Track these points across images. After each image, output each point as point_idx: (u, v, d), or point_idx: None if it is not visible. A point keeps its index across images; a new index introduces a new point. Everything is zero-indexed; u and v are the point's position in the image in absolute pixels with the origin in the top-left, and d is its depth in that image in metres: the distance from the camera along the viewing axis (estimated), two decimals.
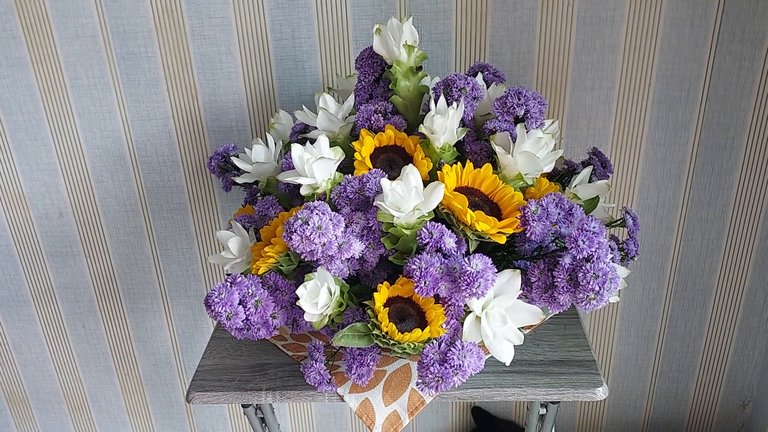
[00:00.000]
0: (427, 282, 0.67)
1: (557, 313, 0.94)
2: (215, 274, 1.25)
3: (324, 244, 0.68)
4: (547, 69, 1.04)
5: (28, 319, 1.31)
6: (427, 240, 0.69)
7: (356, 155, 0.78)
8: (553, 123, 0.85)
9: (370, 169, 0.77)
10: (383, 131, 0.80)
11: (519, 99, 0.77)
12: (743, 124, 1.06)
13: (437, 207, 0.72)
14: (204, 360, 0.91)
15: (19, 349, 1.35)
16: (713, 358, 1.28)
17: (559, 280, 0.68)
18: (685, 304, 1.22)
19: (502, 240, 0.70)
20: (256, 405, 0.95)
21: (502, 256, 0.79)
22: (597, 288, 0.65)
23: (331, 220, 0.68)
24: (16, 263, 1.25)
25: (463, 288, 0.65)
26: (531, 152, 0.74)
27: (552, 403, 0.89)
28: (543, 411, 0.92)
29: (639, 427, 1.37)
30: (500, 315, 0.69)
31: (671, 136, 1.08)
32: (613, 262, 0.78)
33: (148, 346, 1.33)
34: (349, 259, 0.73)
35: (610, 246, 0.77)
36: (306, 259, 0.71)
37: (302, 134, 0.90)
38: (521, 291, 0.71)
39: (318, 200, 0.74)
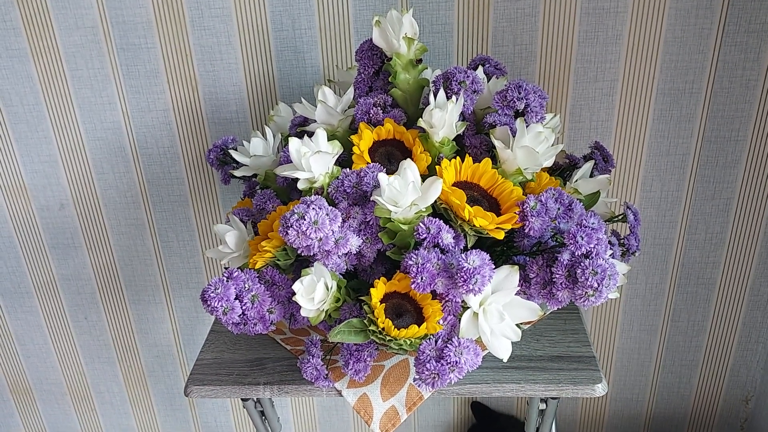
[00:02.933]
0: (424, 278, 0.66)
1: (557, 308, 0.93)
2: (216, 267, 1.25)
3: (320, 239, 0.67)
4: (549, 61, 1.03)
5: (31, 311, 1.32)
6: (424, 235, 0.69)
7: (354, 149, 0.77)
8: (554, 117, 0.84)
9: (368, 163, 0.76)
10: (382, 124, 0.79)
11: (519, 93, 0.76)
12: (748, 117, 1.05)
13: (435, 202, 0.71)
14: (202, 354, 0.91)
15: (22, 340, 1.35)
16: (716, 353, 1.27)
17: (557, 276, 0.67)
18: (688, 298, 1.21)
19: (501, 235, 0.69)
20: (256, 399, 0.95)
21: (501, 251, 0.78)
22: (595, 284, 0.65)
23: (327, 215, 0.67)
24: (18, 255, 1.25)
25: (460, 284, 0.65)
26: (530, 147, 0.73)
27: (552, 398, 0.88)
28: (543, 406, 0.91)
29: (641, 421, 1.37)
30: (498, 311, 0.68)
31: (675, 129, 1.07)
32: (613, 257, 0.77)
33: (150, 337, 1.33)
34: (346, 254, 0.72)
35: (610, 242, 0.76)
36: (303, 254, 0.70)
37: (301, 127, 0.89)
38: (520, 287, 0.71)
39: (315, 194, 0.74)
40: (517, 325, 0.70)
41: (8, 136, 1.13)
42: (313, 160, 0.73)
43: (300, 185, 0.75)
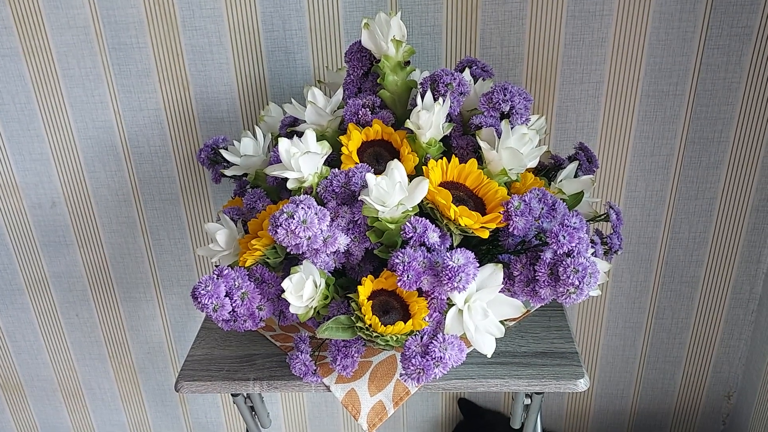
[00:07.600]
0: (410, 276, 0.68)
1: (540, 306, 0.95)
2: (207, 265, 1.26)
3: (309, 237, 0.69)
4: (536, 63, 1.04)
5: (22, 308, 1.32)
6: (410, 234, 0.70)
7: (343, 149, 0.78)
8: (539, 119, 0.86)
9: (356, 163, 0.77)
10: (371, 125, 0.80)
11: (504, 95, 0.78)
12: (731, 118, 1.07)
13: (422, 201, 0.73)
14: (193, 350, 0.92)
15: (13, 337, 1.36)
16: (699, 350, 1.29)
17: (540, 274, 0.69)
18: (672, 295, 1.24)
19: (485, 234, 0.71)
20: (246, 394, 0.96)
21: (487, 250, 0.80)
22: (577, 282, 0.66)
23: (316, 214, 0.69)
24: (10, 252, 1.26)
25: (445, 282, 0.66)
26: (515, 148, 0.74)
27: (536, 393, 0.90)
28: (528, 401, 0.93)
29: (626, 417, 1.39)
30: (482, 308, 0.70)
31: (659, 130, 1.09)
32: (595, 256, 0.79)
33: (141, 334, 1.34)
34: (334, 252, 0.74)
35: (592, 240, 0.78)
36: (292, 252, 0.72)
37: (291, 127, 0.90)
38: (504, 284, 0.72)
39: (305, 194, 0.75)
40: (501, 321, 0.72)
41: (0, 135, 1.14)
42: (303, 160, 0.75)
43: (289, 185, 0.77)
